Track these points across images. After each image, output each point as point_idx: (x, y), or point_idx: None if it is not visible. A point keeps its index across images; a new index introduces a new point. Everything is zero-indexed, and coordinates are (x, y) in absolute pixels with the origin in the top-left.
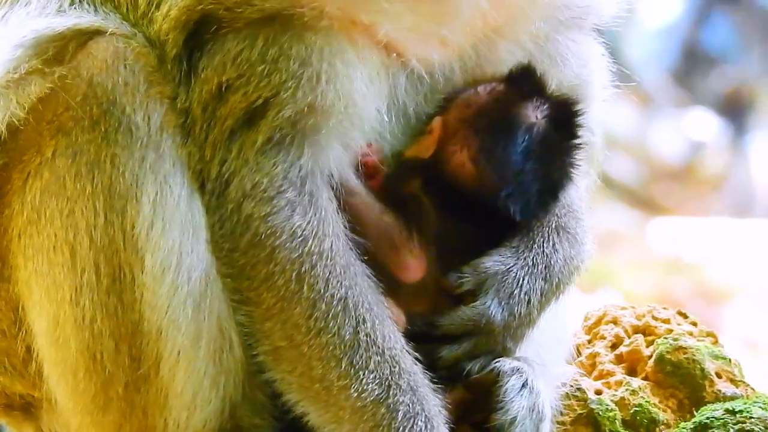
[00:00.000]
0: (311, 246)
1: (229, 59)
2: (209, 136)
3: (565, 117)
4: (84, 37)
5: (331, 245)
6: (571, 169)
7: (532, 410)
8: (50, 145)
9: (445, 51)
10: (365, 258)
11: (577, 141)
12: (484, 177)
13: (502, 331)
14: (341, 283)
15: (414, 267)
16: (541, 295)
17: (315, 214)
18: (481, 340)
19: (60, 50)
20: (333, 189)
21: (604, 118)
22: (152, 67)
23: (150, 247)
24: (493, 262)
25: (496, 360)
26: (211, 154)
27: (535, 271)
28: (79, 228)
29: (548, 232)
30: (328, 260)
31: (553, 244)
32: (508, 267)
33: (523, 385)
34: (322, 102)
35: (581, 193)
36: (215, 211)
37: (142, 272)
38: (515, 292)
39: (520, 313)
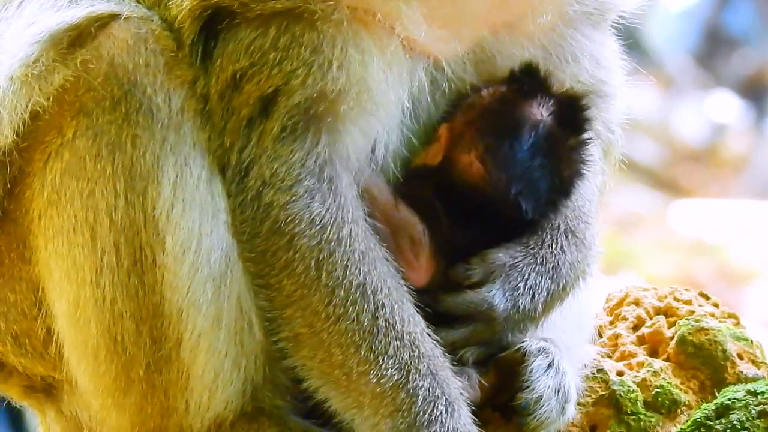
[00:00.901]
0: (330, 233)
1: (242, 48)
2: (228, 123)
3: (571, 113)
4: (100, 22)
5: (350, 232)
6: (581, 166)
7: (558, 390)
8: (71, 125)
9: (458, 44)
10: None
11: (584, 137)
12: (492, 176)
13: (503, 322)
14: (360, 270)
15: (425, 269)
16: (547, 293)
17: (334, 201)
18: (480, 328)
19: (78, 37)
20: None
21: (623, 114)
22: (172, 51)
23: (170, 228)
24: (502, 254)
25: (523, 340)
26: (230, 141)
27: (543, 269)
28: (99, 209)
29: (557, 234)
30: (347, 247)
31: (562, 247)
32: (516, 260)
33: (549, 365)
34: (333, 88)
35: (593, 193)
36: (236, 197)
37: (163, 253)
38: (520, 285)
39: (524, 306)
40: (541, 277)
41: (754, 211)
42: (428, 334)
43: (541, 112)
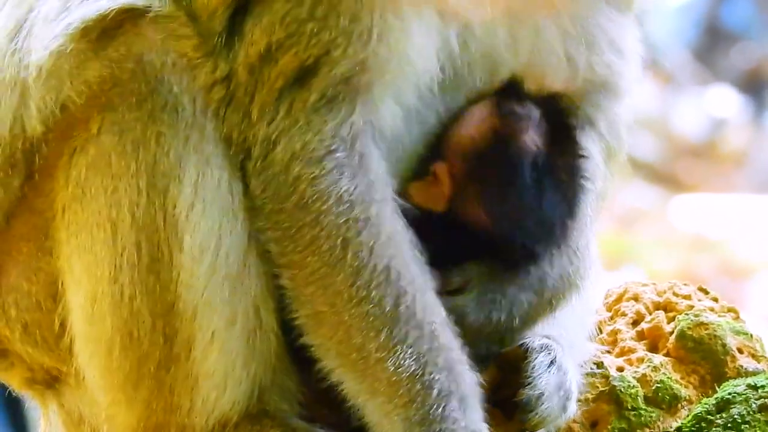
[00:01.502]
0: (357, 212)
1: (278, 19)
2: (256, 97)
3: (564, 131)
4: (127, 14)
5: (378, 212)
6: (583, 182)
7: (560, 387)
8: (97, 120)
9: (488, 7)
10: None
11: (580, 151)
12: (504, 228)
13: (475, 333)
14: (386, 252)
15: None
16: (528, 307)
17: (363, 178)
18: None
19: (109, 29)
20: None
21: (632, 111)
22: (198, 50)
23: (189, 227)
24: (484, 266)
25: (526, 336)
26: (258, 115)
27: (525, 283)
28: (122, 206)
29: None
30: (374, 227)
31: (550, 259)
32: (496, 272)
33: (552, 362)
34: (375, 58)
35: (590, 201)
36: (260, 174)
37: (181, 252)
38: (497, 297)
39: (499, 319)
40: (522, 291)
41: (754, 206)
42: (447, 325)
43: (535, 141)
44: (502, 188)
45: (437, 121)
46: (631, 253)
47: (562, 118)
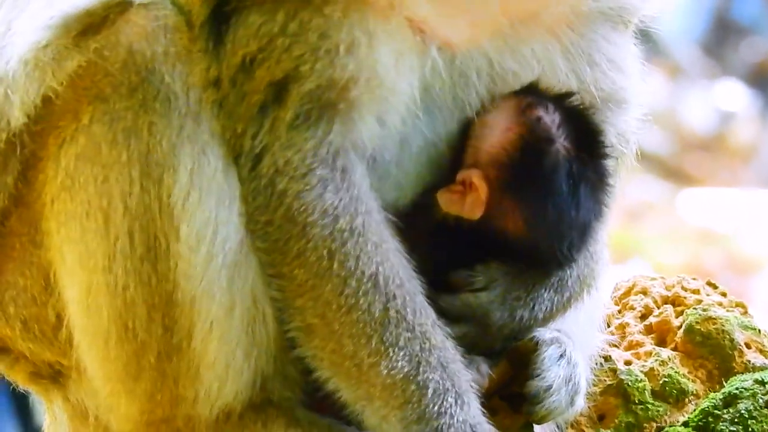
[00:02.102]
0: (342, 224)
1: (252, 33)
2: (240, 109)
3: (588, 131)
4: (115, 8)
5: (363, 222)
6: (609, 184)
7: (569, 381)
8: (87, 111)
9: (472, 31)
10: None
11: (606, 147)
12: (543, 236)
13: (497, 330)
14: (372, 261)
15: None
16: (550, 305)
17: (347, 191)
18: (472, 332)
19: (94, 22)
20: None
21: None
22: (189, 39)
23: (186, 216)
24: (507, 264)
25: (536, 330)
26: (242, 128)
27: (548, 282)
28: (113, 195)
29: None
30: (360, 238)
31: None
32: (521, 271)
33: (561, 356)
34: (343, 74)
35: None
36: (249, 183)
37: (178, 241)
38: (522, 295)
39: (522, 317)
40: (545, 290)
41: (762, 200)
42: (439, 326)
43: (565, 146)
44: (540, 199)
45: (424, 141)
46: (638, 246)
47: (584, 116)
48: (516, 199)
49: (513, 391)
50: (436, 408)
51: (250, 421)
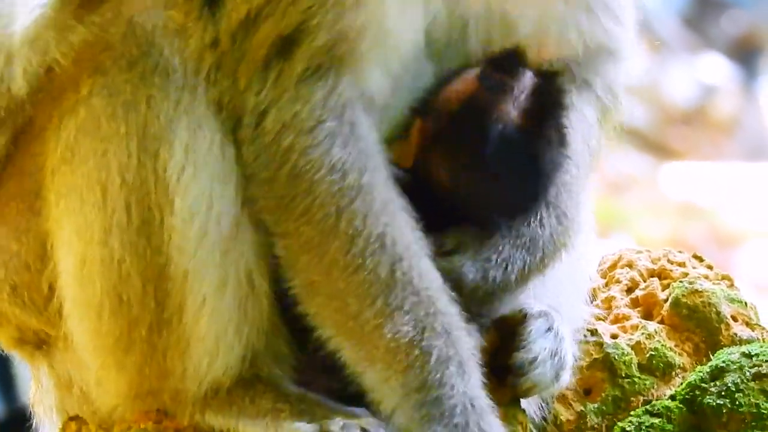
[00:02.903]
0: (350, 181)
1: None
2: (242, 66)
3: (548, 104)
4: None
5: (371, 180)
6: (559, 161)
7: (555, 355)
8: (87, 83)
9: None
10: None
11: (562, 128)
12: (465, 194)
13: (471, 292)
14: (380, 220)
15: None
16: (522, 266)
17: (355, 146)
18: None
19: None
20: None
21: (629, 78)
22: (187, 12)
23: (180, 190)
24: (477, 227)
25: (525, 302)
26: (246, 84)
27: (519, 242)
28: (111, 168)
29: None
30: (368, 195)
31: (541, 219)
32: (491, 233)
33: (549, 329)
34: (353, 27)
35: (580, 163)
36: (252, 142)
37: (172, 215)
38: (493, 257)
39: (495, 278)
40: (516, 250)
41: (744, 173)
42: (444, 289)
43: (511, 114)
44: (464, 152)
45: (418, 92)
46: (620, 220)
47: (553, 97)
48: (444, 150)
49: (500, 364)
50: (438, 376)
51: (238, 396)
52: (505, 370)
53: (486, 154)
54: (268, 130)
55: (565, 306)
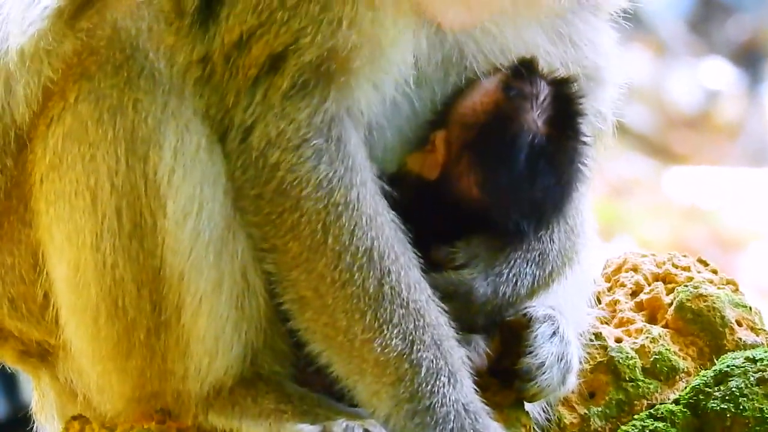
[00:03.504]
0: (337, 197)
1: (251, 7)
2: (231, 83)
3: (568, 109)
4: None
5: (358, 195)
6: (582, 166)
7: (561, 359)
8: (73, 90)
9: (468, 19)
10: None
11: (583, 135)
12: (494, 202)
13: (481, 306)
14: (367, 235)
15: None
16: (532, 281)
17: (342, 162)
18: (457, 308)
19: (81, 6)
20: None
21: (617, 104)
22: (173, 16)
23: (172, 192)
24: (488, 240)
25: (530, 305)
26: (234, 101)
27: (529, 256)
28: (100, 173)
29: None
30: (355, 211)
31: (551, 234)
32: (502, 246)
33: (554, 333)
34: (345, 46)
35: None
36: (239, 157)
37: (164, 217)
38: (504, 271)
39: (505, 293)
40: (527, 264)
41: (747, 178)
42: (433, 301)
43: (537, 123)
44: (494, 162)
45: (412, 111)
46: (624, 223)
47: (572, 104)
48: (473, 161)
49: (504, 367)
50: (428, 387)
51: (241, 396)
52: (508, 374)
53: (517, 161)
54: (254, 146)
55: (569, 308)
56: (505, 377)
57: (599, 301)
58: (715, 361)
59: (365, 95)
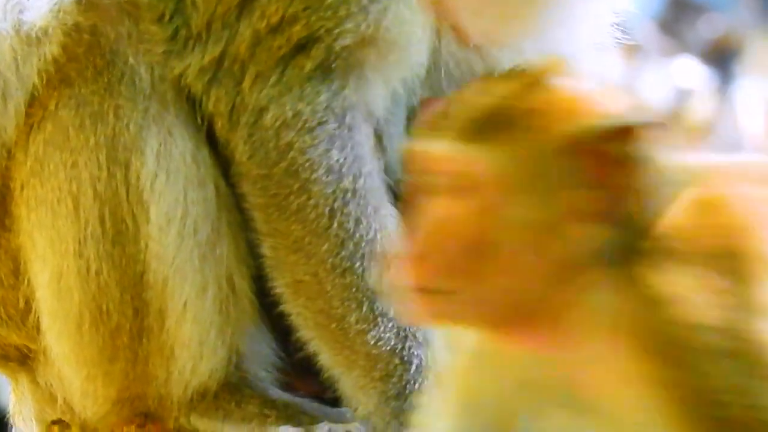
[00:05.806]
0: (346, 183)
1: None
2: (251, 67)
3: None
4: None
5: (365, 184)
6: None
7: None
8: (53, 96)
9: (488, 38)
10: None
11: None
12: None
13: None
14: (371, 225)
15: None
16: None
17: (352, 150)
18: None
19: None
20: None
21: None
22: (153, 20)
23: (155, 198)
24: None
25: None
26: (250, 83)
27: None
28: (82, 180)
29: None
30: (361, 199)
31: None
32: None
33: None
34: (385, 36)
35: None
36: (248, 140)
37: (148, 223)
38: None
39: None
40: None
41: None
42: None
43: None
44: None
45: (413, 111)
46: None
47: None
48: None
49: None
50: (416, 386)
51: (225, 400)
52: None
53: None
54: (267, 126)
55: None
56: None
57: None
58: None
59: (380, 88)
